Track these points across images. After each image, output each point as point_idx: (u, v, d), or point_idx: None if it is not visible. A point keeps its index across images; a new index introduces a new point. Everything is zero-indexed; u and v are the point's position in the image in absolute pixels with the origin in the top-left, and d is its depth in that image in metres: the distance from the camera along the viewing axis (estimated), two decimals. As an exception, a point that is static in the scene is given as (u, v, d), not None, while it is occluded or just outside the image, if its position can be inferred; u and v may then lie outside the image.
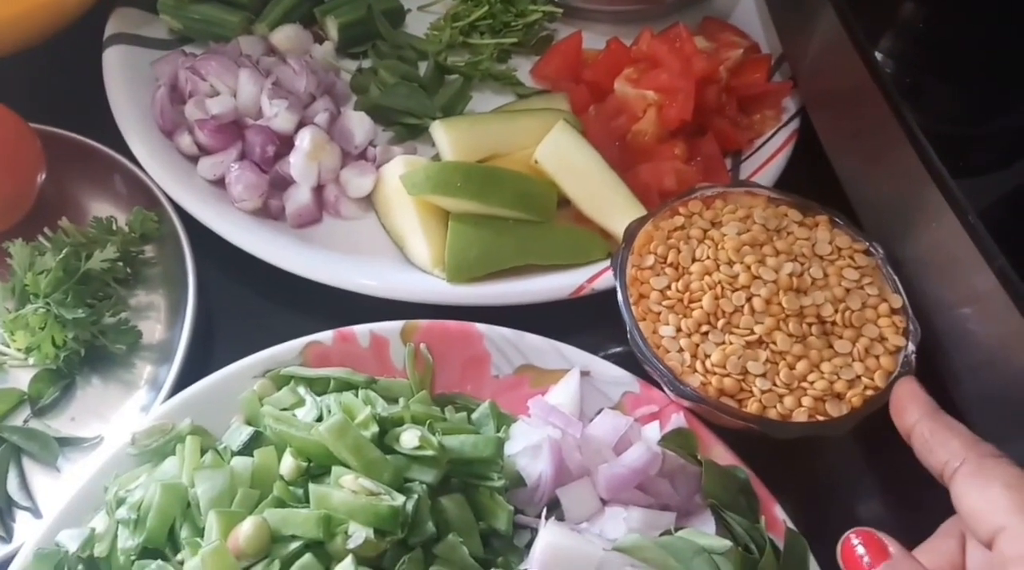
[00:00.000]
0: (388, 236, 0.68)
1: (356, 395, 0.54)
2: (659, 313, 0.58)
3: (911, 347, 0.57)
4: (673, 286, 0.59)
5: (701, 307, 0.57)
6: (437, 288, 0.64)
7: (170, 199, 0.67)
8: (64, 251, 0.60)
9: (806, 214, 0.63)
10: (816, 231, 0.62)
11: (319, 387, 0.56)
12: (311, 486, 0.47)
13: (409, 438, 0.49)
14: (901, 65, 0.75)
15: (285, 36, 0.76)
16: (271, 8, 0.78)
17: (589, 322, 0.66)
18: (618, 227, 0.66)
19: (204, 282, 0.66)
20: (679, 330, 0.57)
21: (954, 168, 0.61)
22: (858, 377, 0.56)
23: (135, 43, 0.76)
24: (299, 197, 0.68)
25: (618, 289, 0.58)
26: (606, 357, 0.64)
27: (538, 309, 0.65)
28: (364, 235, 0.69)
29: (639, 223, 0.61)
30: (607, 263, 0.66)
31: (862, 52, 0.69)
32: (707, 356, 0.56)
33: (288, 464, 0.49)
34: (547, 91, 0.77)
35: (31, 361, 0.60)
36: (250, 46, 0.75)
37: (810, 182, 0.72)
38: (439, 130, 0.68)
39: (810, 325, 0.57)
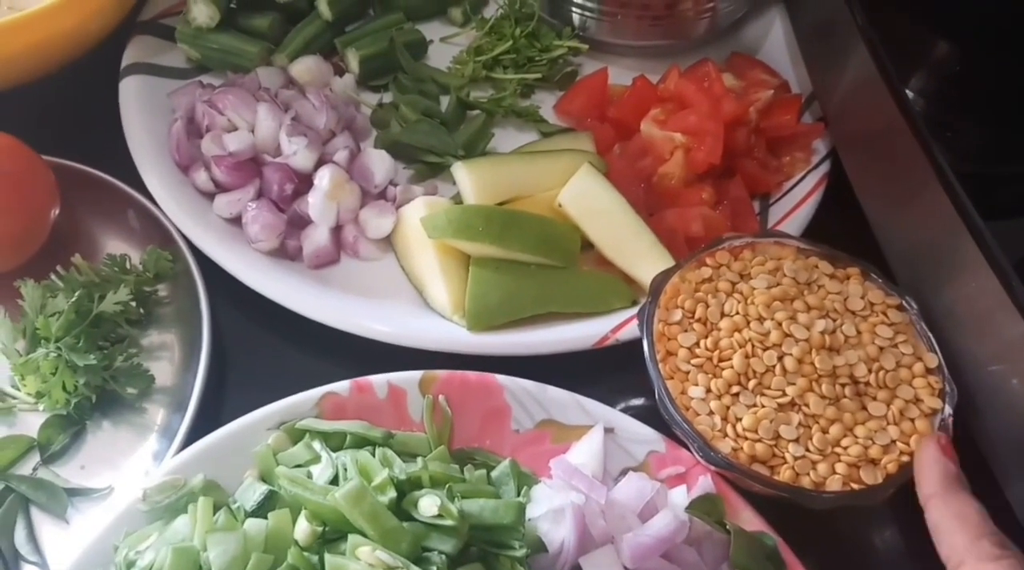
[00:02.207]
0: (407, 278, 0.67)
1: (373, 453, 0.52)
2: (687, 372, 0.56)
3: (948, 410, 0.55)
4: (702, 343, 0.57)
5: (731, 367, 0.55)
6: (456, 337, 0.62)
7: (184, 236, 0.66)
8: (77, 293, 0.59)
9: (837, 266, 0.61)
10: (848, 285, 0.60)
11: (335, 442, 0.54)
12: (327, 557, 0.46)
13: (428, 505, 0.48)
14: (933, 104, 0.73)
15: (305, 68, 0.75)
16: (291, 39, 0.77)
17: (612, 370, 0.64)
18: (643, 274, 0.65)
19: (218, 321, 0.64)
20: (709, 391, 0.55)
21: (988, 213, 0.59)
22: (893, 442, 0.54)
23: (152, 73, 0.75)
24: (317, 238, 0.66)
25: (645, 346, 0.56)
26: (630, 409, 0.63)
27: (559, 357, 0.63)
28: (382, 277, 0.67)
29: (665, 275, 0.59)
30: (631, 312, 0.64)
31: (894, 90, 0.67)
32: (738, 420, 0.54)
33: (303, 529, 0.47)
34: (571, 130, 0.75)
35: (41, 407, 0.58)
36: (269, 78, 0.74)
37: (841, 228, 0.70)
38: (461, 171, 0.66)
39: (843, 386, 0.56)
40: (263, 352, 0.66)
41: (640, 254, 0.65)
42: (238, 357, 0.66)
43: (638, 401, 0.64)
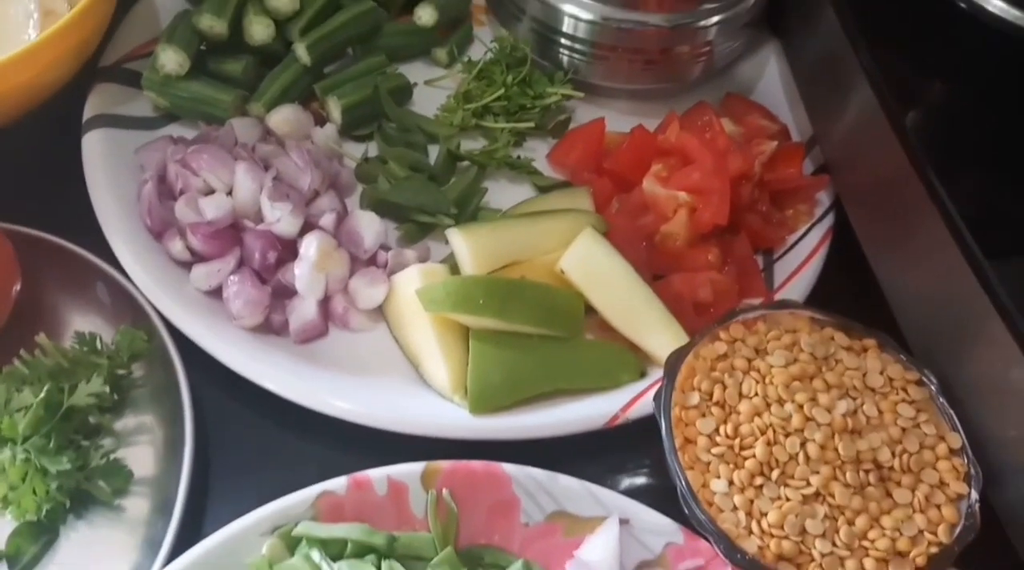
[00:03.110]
0: (401, 350, 0.63)
1: (377, 563, 0.49)
2: (708, 463, 0.53)
3: (974, 495, 0.53)
4: (721, 429, 0.54)
5: (754, 456, 0.53)
6: (458, 421, 0.58)
7: (158, 310, 0.61)
8: (45, 388, 0.54)
9: (853, 337, 0.59)
10: (866, 359, 0.58)
11: (335, 549, 0.51)
12: None
13: (445, 633, 0.44)
14: (943, 148, 0.68)
15: (283, 119, 0.70)
16: (267, 86, 0.72)
17: (618, 445, 0.61)
18: (653, 345, 0.62)
19: (200, 403, 0.60)
20: (731, 483, 0.52)
21: (1003, 265, 0.57)
22: (921, 532, 0.52)
23: (117, 125, 0.69)
24: (304, 312, 0.62)
25: (664, 436, 0.53)
26: (640, 490, 0.60)
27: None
28: (374, 349, 0.63)
29: (680, 354, 0.56)
30: (640, 386, 0.61)
31: (900, 133, 0.64)
32: (763, 515, 0.51)
33: (309, 663, 0.44)
34: (567, 183, 0.72)
35: (8, 515, 0.53)
36: (245, 130, 0.69)
37: (848, 285, 0.68)
38: (457, 238, 0.63)
39: (867, 472, 0.53)
40: (250, 435, 0.61)
41: (648, 324, 0.62)
42: (223, 442, 0.61)
43: (646, 480, 0.62)
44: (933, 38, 0.71)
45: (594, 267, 0.63)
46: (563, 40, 0.75)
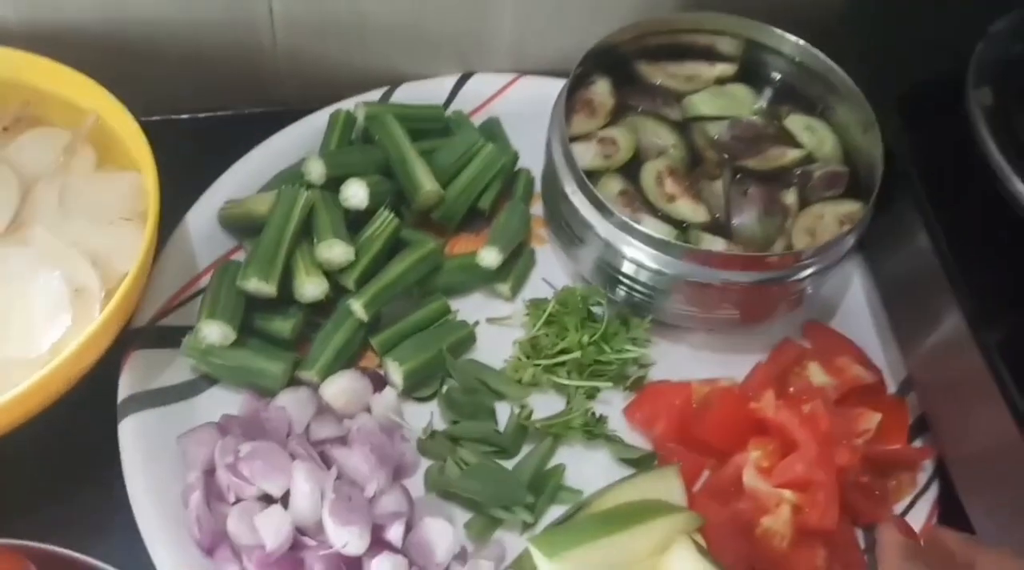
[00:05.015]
0: None
1: None
2: None
3: None
4: None
5: None
6: None
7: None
8: None
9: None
10: None
11: None
12: None
13: None
14: None
15: (340, 390, 0.64)
16: (319, 349, 0.64)
17: None
18: None
19: None
20: None
21: None
22: None
23: (156, 403, 0.63)
24: (378, 649, 0.55)
25: None
26: None
27: None
28: None
29: None
30: None
31: (1008, 398, 0.59)
32: None
33: None
34: (651, 455, 0.65)
35: None
36: (298, 408, 0.62)
37: None
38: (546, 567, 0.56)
39: None
40: None
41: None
42: None
43: None
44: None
45: (695, 587, 0.57)
46: (625, 280, 0.67)
